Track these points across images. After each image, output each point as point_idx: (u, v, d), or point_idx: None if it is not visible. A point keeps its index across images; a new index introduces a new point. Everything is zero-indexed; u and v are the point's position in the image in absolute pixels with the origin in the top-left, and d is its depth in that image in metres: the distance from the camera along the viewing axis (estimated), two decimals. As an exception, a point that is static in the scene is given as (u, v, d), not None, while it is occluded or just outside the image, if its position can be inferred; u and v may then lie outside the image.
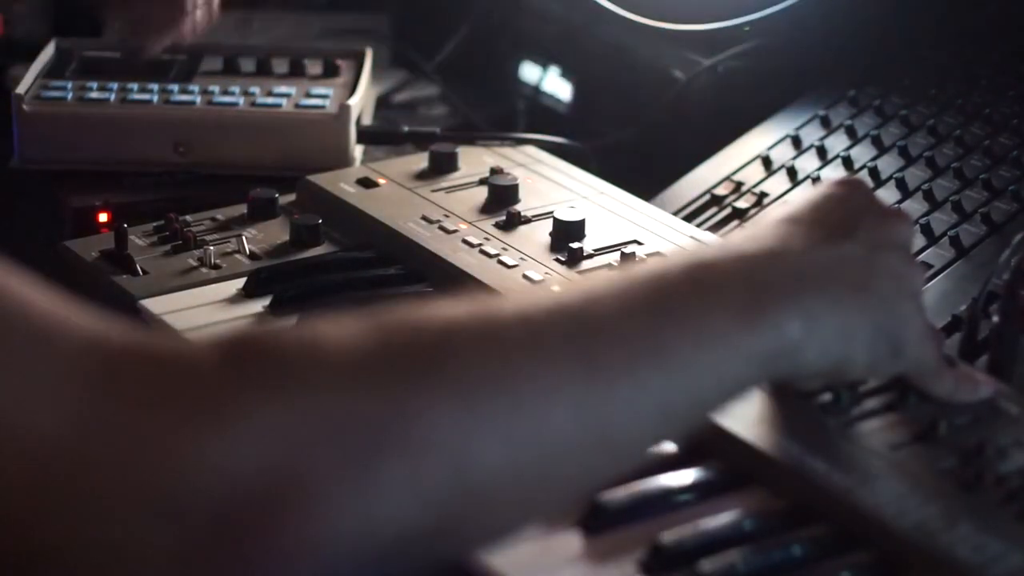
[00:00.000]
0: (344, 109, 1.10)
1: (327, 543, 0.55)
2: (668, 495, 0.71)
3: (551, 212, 0.98)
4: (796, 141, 1.09)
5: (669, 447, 0.74)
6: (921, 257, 0.93)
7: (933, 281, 0.91)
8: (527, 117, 1.32)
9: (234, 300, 0.92)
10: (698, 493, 0.72)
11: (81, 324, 0.55)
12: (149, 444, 0.53)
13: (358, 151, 1.14)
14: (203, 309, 0.91)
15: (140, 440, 0.53)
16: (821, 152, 1.07)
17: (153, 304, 0.91)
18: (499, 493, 0.59)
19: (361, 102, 1.14)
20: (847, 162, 1.05)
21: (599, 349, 0.61)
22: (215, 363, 0.55)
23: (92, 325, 0.55)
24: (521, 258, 0.93)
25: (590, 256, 0.94)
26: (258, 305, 0.91)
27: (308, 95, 1.14)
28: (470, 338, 0.59)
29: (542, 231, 0.97)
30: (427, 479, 0.56)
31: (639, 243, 0.96)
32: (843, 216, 0.72)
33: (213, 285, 0.94)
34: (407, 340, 0.58)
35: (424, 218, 0.99)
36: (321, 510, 0.54)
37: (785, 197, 1.04)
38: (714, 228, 1.03)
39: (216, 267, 0.96)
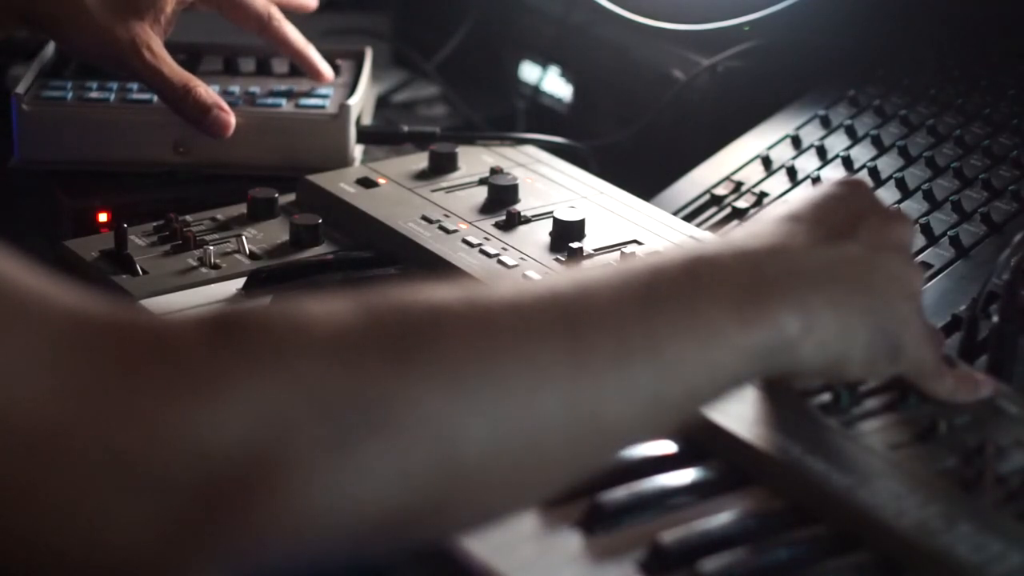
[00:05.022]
0: (344, 109, 1.10)
1: (310, 520, 0.55)
2: (668, 495, 0.71)
3: (551, 212, 0.98)
4: (796, 141, 1.09)
5: (669, 446, 0.74)
6: (921, 257, 0.93)
7: (933, 281, 0.91)
8: (527, 117, 1.32)
9: (234, 300, 0.92)
10: (698, 493, 0.72)
11: (64, 299, 0.55)
12: (131, 416, 0.53)
13: (358, 151, 1.14)
14: (203, 309, 0.91)
15: (122, 412, 0.53)
16: (821, 152, 1.07)
17: (153, 304, 0.91)
18: (485, 476, 0.59)
19: (361, 102, 1.14)
20: (847, 162, 1.05)
21: (590, 337, 0.61)
22: (200, 338, 0.55)
23: (75, 300, 0.55)
24: (521, 258, 0.93)
25: (590, 256, 0.94)
26: (258, 305, 0.91)
27: (308, 95, 1.14)
28: (459, 320, 0.59)
29: (542, 231, 0.97)
30: (412, 459, 0.56)
31: (639, 243, 0.96)
32: (844, 216, 0.72)
33: (213, 285, 0.94)
34: (395, 320, 0.58)
35: (424, 218, 0.99)
36: (304, 487, 0.54)
37: (785, 197, 1.04)
38: (714, 228, 1.03)
39: (216, 267, 0.96)
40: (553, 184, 1.05)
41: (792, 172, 1.06)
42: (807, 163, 1.07)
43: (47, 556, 0.53)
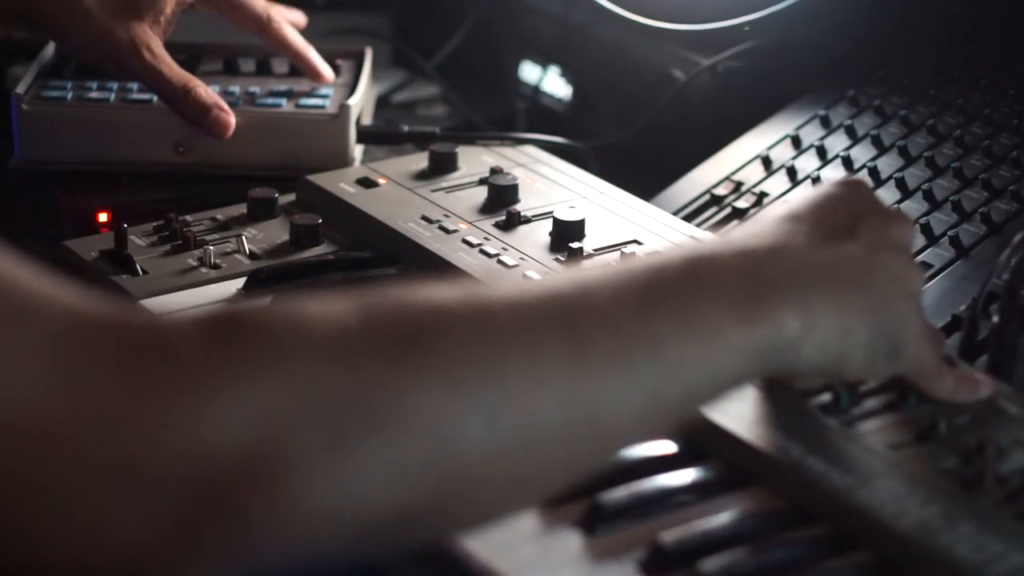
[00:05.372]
0: (344, 109, 1.10)
1: (310, 520, 0.55)
2: (668, 495, 0.71)
3: (551, 212, 0.98)
4: (796, 141, 1.09)
5: (669, 446, 0.74)
6: (921, 257, 0.93)
7: (933, 281, 0.91)
8: (527, 117, 1.32)
9: (234, 300, 0.92)
10: (698, 493, 0.72)
11: (63, 298, 0.55)
12: (130, 416, 0.53)
13: (358, 151, 1.14)
14: (203, 309, 0.91)
15: (121, 412, 0.53)
16: (821, 152, 1.07)
17: (153, 304, 0.91)
18: (483, 476, 0.59)
19: (361, 102, 1.14)
20: (847, 162, 1.05)
21: (590, 337, 0.61)
22: (200, 337, 0.55)
23: (75, 300, 0.55)
24: (521, 258, 0.93)
25: (590, 256, 0.94)
26: (258, 305, 0.91)
27: (308, 95, 1.14)
28: (459, 320, 0.59)
29: (542, 231, 0.97)
30: (411, 459, 0.56)
31: (639, 243, 0.96)
32: (844, 216, 0.72)
33: (213, 285, 0.94)
34: (395, 320, 0.58)
35: (424, 218, 0.99)
36: (304, 487, 0.54)
37: (785, 197, 1.04)
38: (714, 228, 1.03)
39: (216, 267, 0.96)
40: (553, 184, 1.05)
41: (792, 172, 1.06)
42: (807, 163, 1.07)
43: (47, 556, 0.53)
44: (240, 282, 0.94)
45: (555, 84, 1.31)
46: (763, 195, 1.05)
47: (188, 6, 1.12)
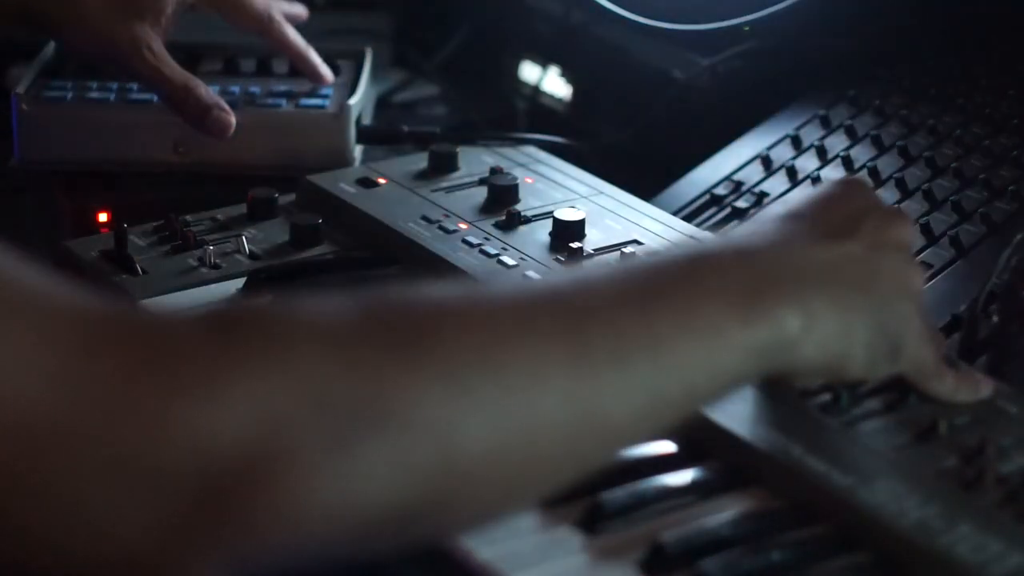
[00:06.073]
0: (344, 109, 1.10)
1: (308, 517, 0.55)
2: (668, 495, 0.71)
3: (551, 212, 0.98)
4: (796, 141, 1.09)
5: (669, 446, 0.74)
6: (921, 257, 0.93)
7: (933, 281, 0.91)
8: (527, 117, 1.32)
9: (234, 300, 0.92)
10: (698, 493, 0.72)
11: (64, 295, 0.55)
12: (131, 412, 0.53)
13: (358, 151, 1.14)
14: (205, 306, 0.91)
15: (122, 408, 0.53)
16: (821, 152, 1.07)
17: (153, 304, 0.90)
18: (484, 474, 0.59)
19: (361, 102, 1.14)
20: (847, 162, 1.05)
21: (590, 335, 0.61)
22: (200, 333, 0.55)
23: (75, 296, 0.55)
24: (521, 258, 0.93)
25: (590, 256, 0.94)
26: (258, 305, 0.91)
27: (308, 95, 1.14)
28: (459, 318, 0.59)
29: (542, 231, 0.97)
30: (410, 457, 0.56)
31: (639, 243, 0.96)
32: (845, 215, 0.72)
33: (213, 285, 0.94)
34: (395, 317, 0.58)
35: (424, 218, 0.99)
36: (302, 484, 0.54)
37: (785, 197, 1.04)
38: (714, 228, 1.03)
39: (216, 267, 0.96)
40: (553, 184, 1.05)
41: (792, 172, 1.06)
42: (807, 163, 1.07)
43: (48, 553, 0.53)
44: (240, 282, 0.94)
45: (555, 84, 1.31)
46: (763, 195, 1.05)
47: (189, 6, 1.12)
